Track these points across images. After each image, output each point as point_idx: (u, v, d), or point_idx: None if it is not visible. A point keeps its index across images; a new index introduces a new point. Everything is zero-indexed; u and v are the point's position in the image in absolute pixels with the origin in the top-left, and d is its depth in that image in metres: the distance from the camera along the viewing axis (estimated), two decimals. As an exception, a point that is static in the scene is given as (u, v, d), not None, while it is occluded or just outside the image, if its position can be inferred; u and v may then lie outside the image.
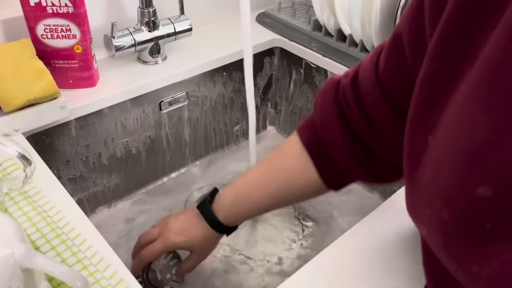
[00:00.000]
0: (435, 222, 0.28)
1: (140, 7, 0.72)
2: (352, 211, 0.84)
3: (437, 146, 0.28)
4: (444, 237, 0.27)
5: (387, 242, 0.46)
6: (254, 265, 0.73)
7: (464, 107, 0.26)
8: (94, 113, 0.69)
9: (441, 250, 0.28)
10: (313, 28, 0.87)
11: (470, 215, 0.25)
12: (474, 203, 0.25)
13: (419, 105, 0.31)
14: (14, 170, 0.53)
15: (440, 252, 0.29)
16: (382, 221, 0.49)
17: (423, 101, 0.31)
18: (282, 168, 0.52)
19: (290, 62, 0.91)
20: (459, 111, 0.27)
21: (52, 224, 0.46)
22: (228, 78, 0.87)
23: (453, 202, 0.26)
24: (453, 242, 0.27)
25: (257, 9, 0.98)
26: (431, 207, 0.28)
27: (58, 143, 0.68)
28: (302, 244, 0.77)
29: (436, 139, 0.29)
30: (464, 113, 0.26)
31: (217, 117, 0.91)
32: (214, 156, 0.95)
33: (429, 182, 0.29)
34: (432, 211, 0.28)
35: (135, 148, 0.80)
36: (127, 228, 0.78)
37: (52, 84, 0.59)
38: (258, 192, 0.53)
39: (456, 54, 0.28)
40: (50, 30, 0.62)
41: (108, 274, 0.42)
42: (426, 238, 0.31)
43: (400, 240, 0.46)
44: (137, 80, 0.73)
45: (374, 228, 0.48)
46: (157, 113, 0.79)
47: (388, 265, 0.44)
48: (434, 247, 0.30)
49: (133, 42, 0.72)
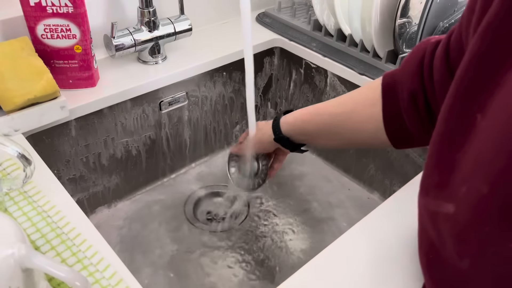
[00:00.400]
0: (471, 198, 0.28)
1: (140, 7, 0.72)
2: (352, 211, 0.84)
3: (488, 124, 0.28)
4: (478, 213, 0.27)
5: (387, 242, 0.46)
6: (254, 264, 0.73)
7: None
8: (94, 113, 0.69)
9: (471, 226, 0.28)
10: (313, 28, 0.87)
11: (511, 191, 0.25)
12: None
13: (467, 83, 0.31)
14: (14, 170, 0.53)
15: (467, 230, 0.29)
16: (382, 221, 0.49)
17: (471, 79, 0.30)
18: (352, 96, 0.53)
19: (290, 62, 0.91)
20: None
21: (52, 224, 0.46)
22: (228, 78, 0.87)
23: (497, 177, 0.26)
24: (487, 218, 0.27)
25: (257, 9, 0.98)
26: (469, 184, 0.28)
27: (58, 143, 0.68)
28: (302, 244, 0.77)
29: (487, 117, 0.28)
30: None
31: (217, 117, 0.91)
32: (214, 156, 0.95)
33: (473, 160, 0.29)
34: (469, 187, 0.28)
35: (135, 148, 0.80)
36: (127, 228, 0.78)
37: (52, 83, 0.59)
38: (318, 113, 0.56)
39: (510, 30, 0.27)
40: (50, 30, 0.62)
41: (108, 274, 0.42)
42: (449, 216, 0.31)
43: (400, 240, 0.46)
44: (137, 80, 0.73)
45: (374, 228, 0.48)
46: (157, 113, 0.79)
47: (388, 265, 0.44)
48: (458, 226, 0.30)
49: (133, 42, 0.72)
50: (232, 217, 0.82)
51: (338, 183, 0.90)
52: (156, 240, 0.77)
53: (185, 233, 0.79)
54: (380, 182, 0.86)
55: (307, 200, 0.86)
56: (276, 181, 0.90)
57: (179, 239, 0.77)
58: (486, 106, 0.29)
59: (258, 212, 0.83)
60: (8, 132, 0.59)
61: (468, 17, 0.34)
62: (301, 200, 0.86)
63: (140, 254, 0.74)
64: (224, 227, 0.80)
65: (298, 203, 0.85)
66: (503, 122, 0.27)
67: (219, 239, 0.78)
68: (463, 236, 0.29)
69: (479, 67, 0.30)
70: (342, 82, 0.81)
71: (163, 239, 0.77)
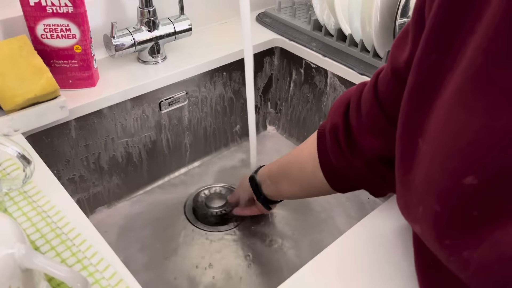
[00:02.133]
0: (428, 216, 0.30)
1: (140, 7, 0.72)
2: (352, 211, 0.84)
3: (427, 147, 0.31)
4: (437, 229, 0.30)
5: (387, 242, 0.46)
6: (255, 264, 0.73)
7: (450, 110, 0.29)
8: (94, 113, 0.69)
9: (435, 241, 0.31)
10: (313, 28, 0.87)
11: (459, 204, 0.28)
12: (462, 193, 0.28)
13: (408, 113, 0.35)
14: (13, 170, 0.53)
15: (434, 245, 0.31)
16: (382, 221, 0.49)
17: (411, 109, 0.34)
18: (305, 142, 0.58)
19: (290, 62, 0.91)
20: (446, 114, 0.29)
21: (51, 224, 0.46)
22: (228, 78, 0.87)
23: (444, 194, 0.29)
24: (445, 232, 0.29)
25: (257, 9, 0.98)
26: (424, 203, 0.31)
27: (57, 143, 0.68)
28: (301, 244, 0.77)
29: (426, 141, 0.31)
30: (451, 115, 0.29)
31: (217, 118, 0.91)
32: (214, 156, 0.95)
33: (422, 181, 0.31)
34: (425, 207, 0.31)
35: (135, 148, 0.79)
36: (127, 228, 0.78)
37: (52, 82, 0.59)
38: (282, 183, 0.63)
39: (437, 64, 0.31)
40: (49, 30, 0.62)
41: (108, 275, 0.42)
42: (420, 235, 0.33)
43: (400, 240, 0.46)
44: (137, 80, 0.73)
45: (374, 228, 0.48)
46: (157, 113, 0.79)
47: (388, 265, 0.44)
48: (428, 242, 0.32)
49: (133, 42, 0.71)
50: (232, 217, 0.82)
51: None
52: (156, 240, 0.77)
53: (185, 233, 0.78)
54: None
55: (307, 200, 0.86)
56: (276, 181, 0.90)
57: (179, 239, 0.77)
58: (424, 131, 0.32)
59: (258, 212, 0.83)
60: (7, 132, 0.59)
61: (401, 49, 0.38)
62: (301, 200, 0.86)
63: (140, 254, 0.74)
64: (224, 227, 0.80)
65: (298, 203, 0.85)
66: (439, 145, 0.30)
67: (219, 239, 0.78)
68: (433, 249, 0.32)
69: (415, 97, 0.34)
70: (342, 82, 0.81)
71: (163, 240, 0.77)
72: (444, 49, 0.30)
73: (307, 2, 0.97)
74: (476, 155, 0.27)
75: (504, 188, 0.26)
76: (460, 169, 0.27)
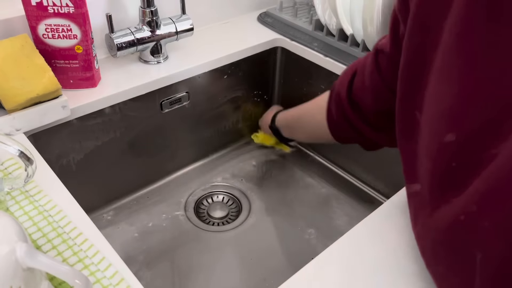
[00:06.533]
0: (425, 175, 0.36)
1: (141, 6, 0.72)
2: (352, 211, 0.84)
3: (424, 118, 0.37)
4: (430, 184, 0.36)
5: (387, 242, 0.46)
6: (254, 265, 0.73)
7: (436, 84, 0.35)
8: (95, 113, 0.69)
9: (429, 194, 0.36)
10: (315, 28, 0.87)
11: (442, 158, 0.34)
12: (444, 148, 0.34)
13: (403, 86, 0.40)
14: (15, 170, 0.53)
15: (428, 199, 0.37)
16: (382, 221, 0.49)
17: (406, 85, 0.40)
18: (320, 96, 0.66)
19: (291, 62, 0.91)
20: (433, 88, 0.35)
21: (53, 223, 0.47)
22: (229, 78, 0.87)
23: (432, 152, 0.35)
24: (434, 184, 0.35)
25: (258, 9, 0.98)
26: (423, 165, 0.37)
27: (59, 143, 0.68)
28: (303, 244, 0.77)
29: (423, 113, 0.37)
30: (437, 88, 0.35)
31: (218, 117, 0.91)
32: (215, 156, 0.95)
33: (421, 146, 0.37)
34: (423, 167, 0.37)
35: (136, 147, 0.80)
36: (128, 227, 0.78)
37: (54, 81, 0.59)
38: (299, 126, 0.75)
39: (422, 45, 0.37)
40: (51, 30, 0.62)
41: (109, 274, 0.42)
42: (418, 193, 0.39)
43: (400, 240, 0.46)
44: (138, 79, 0.73)
45: (374, 228, 0.48)
46: (159, 113, 0.79)
47: (388, 265, 0.44)
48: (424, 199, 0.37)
49: (135, 41, 0.72)
50: (232, 216, 0.82)
51: (338, 183, 0.90)
52: (157, 239, 0.77)
53: (186, 232, 0.79)
54: (382, 182, 0.86)
55: (307, 200, 0.86)
56: (276, 180, 0.90)
57: (180, 238, 0.77)
58: (420, 104, 0.37)
59: (258, 211, 0.83)
60: (9, 132, 0.59)
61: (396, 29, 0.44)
62: (301, 200, 0.86)
63: (141, 254, 0.74)
64: (225, 227, 0.80)
65: (297, 202, 0.85)
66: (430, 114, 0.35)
67: (220, 239, 0.78)
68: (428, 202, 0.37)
69: (409, 72, 0.39)
70: (344, 82, 0.81)
71: (164, 239, 0.77)
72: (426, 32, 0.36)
73: (308, 2, 0.97)
74: (454, 117, 0.33)
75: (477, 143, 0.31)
76: (443, 129, 0.33)
